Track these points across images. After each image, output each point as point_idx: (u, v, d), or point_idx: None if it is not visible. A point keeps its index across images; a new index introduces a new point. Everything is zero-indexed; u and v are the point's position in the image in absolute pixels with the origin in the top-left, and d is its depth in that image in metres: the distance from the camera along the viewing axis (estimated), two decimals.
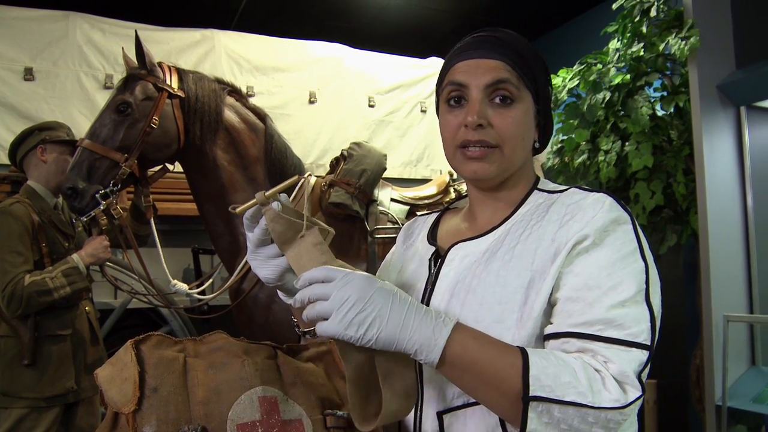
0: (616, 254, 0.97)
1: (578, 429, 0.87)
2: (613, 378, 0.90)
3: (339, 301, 0.88)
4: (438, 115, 1.18)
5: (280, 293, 1.11)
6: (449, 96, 1.11)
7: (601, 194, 1.04)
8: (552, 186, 1.15)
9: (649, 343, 0.94)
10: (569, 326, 0.95)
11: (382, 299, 0.89)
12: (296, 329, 1.16)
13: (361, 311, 0.87)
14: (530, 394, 0.87)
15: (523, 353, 0.90)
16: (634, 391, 0.90)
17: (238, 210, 1.01)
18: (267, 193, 0.99)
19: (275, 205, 0.99)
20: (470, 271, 1.07)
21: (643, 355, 0.93)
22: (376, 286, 0.90)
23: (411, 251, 1.25)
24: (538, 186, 1.16)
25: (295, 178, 1.02)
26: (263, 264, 1.03)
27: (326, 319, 0.89)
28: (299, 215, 1.00)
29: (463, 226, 1.20)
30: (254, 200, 1.00)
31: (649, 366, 0.94)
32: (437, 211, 1.33)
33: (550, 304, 0.99)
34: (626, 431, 1.01)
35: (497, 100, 1.08)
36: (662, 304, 1.00)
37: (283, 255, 1.02)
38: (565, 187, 1.12)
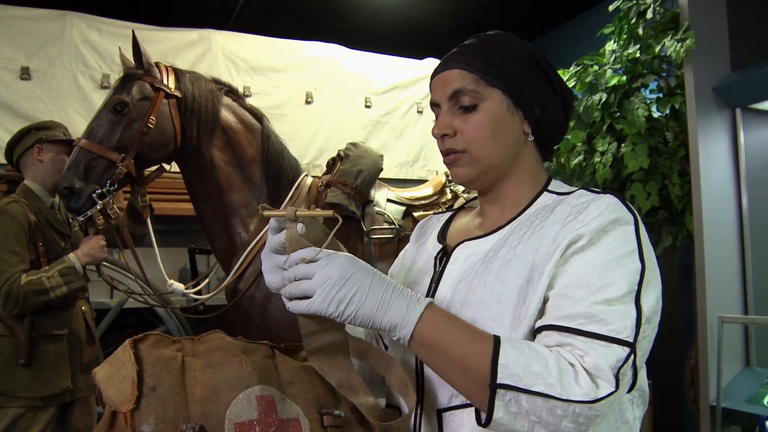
0: (612, 254, 0.97)
1: (547, 422, 0.87)
2: (586, 372, 0.89)
3: (322, 280, 0.92)
4: None
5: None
6: (434, 113, 1.18)
7: (608, 195, 1.04)
8: (563, 188, 1.15)
9: (631, 341, 0.92)
10: (552, 320, 0.96)
11: (361, 278, 0.94)
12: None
13: (342, 289, 0.92)
14: (497, 381, 0.88)
15: (495, 340, 0.92)
16: (607, 387, 0.88)
17: (265, 213, 1.01)
18: (298, 212, 0.99)
19: (299, 227, 1.00)
20: (473, 269, 1.08)
21: (623, 352, 0.91)
22: (357, 266, 0.95)
23: (422, 249, 1.27)
24: (549, 187, 1.16)
25: (331, 212, 1.03)
26: (272, 270, 1.03)
27: (309, 297, 0.93)
28: (321, 240, 1.01)
29: (473, 225, 1.21)
30: (284, 212, 1.00)
31: (630, 363, 0.91)
32: (452, 210, 1.34)
33: (544, 303, 0.99)
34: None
35: (458, 108, 1.12)
36: (662, 308, 1.00)
37: None
38: (575, 189, 1.12)
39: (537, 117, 1.14)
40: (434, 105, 1.17)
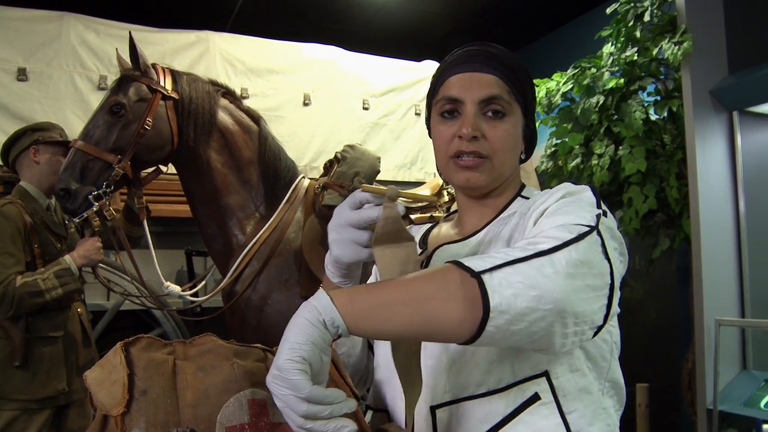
0: (569, 203, 0.99)
1: (547, 287, 0.83)
2: (543, 237, 0.89)
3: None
4: (428, 124, 1.23)
5: (328, 268, 1.11)
6: (443, 109, 1.16)
7: (564, 183, 1.08)
8: (534, 192, 1.20)
9: (593, 225, 0.93)
10: None
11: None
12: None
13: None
14: (476, 270, 0.84)
15: (447, 262, 0.89)
16: (569, 235, 0.89)
17: (365, 187, 1.01)
18: (401, 192, 1.00)
19: (400, 207, 1.00)
20: None
21: (583, 227, 0.91)
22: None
23: None
24: (522, 193, 1.21)
25: (430, 197, 1.04)
26: (344, 243, 1.03)
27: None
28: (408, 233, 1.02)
29: (452, 233, 1.24)
30: (385, 189, 1.00)
31: (595, 236, 0.92)
32: (432, 223, 1.36)
33: None
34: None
35: (490, 113, 1.13)
36: (653, 305, 1.01)
37: (369, 247, 1.03)
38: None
39: (530, 138, 1.21)
40: (453, 101, 1.14)
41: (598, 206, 1.00)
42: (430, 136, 1.22)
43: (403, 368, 1.00)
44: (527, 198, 1.18)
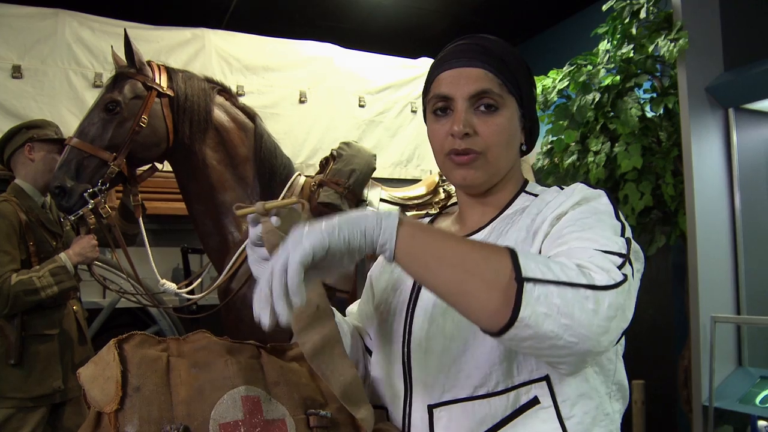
0: (589, 213, 0.99)
1: (580, 322, 0.82)
2: (595, 266, 0.87)
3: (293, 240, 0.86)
4: (426, 122, 1.21)
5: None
6: (435, 107, 1.14)
7: (577, 183, 1.08)
8: (537, 188, 1.18)
9: (624, 252, 0.91)
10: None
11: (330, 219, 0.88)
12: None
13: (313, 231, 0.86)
14: (523, 275, 0.82)
15: (505, 247, 0.87)
16: (618, 276, 0.86)
17: (238, 212, 1.02)
18: (267, 205, 1.00)
19: (274, 219, 1.00)
20: None
21: (618, 258, 0.90)
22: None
23: None
24: (526, 189, 1.19)
25: (295, 200, 1.03)
26: (257, 262, 1.04)
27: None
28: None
29: (454, 229, 1.23)
30: (254, 208, 1.01)
31: (630, 269, 0.91)
32: (431, 215, 1.35)
33: None
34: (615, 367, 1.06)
35: (482, 108, 1.11)
36: (649, 302, 1.01)
37: None
38: (548, 188, 1.16)
39: (530, 129, 1.19)
40: (444, 98, 1.13)
41: (617, 216, 0.99)
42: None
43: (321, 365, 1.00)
44: (533, 194, 1.16)
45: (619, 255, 0.90)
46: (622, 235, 0.96)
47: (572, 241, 0.93)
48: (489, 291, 0.83)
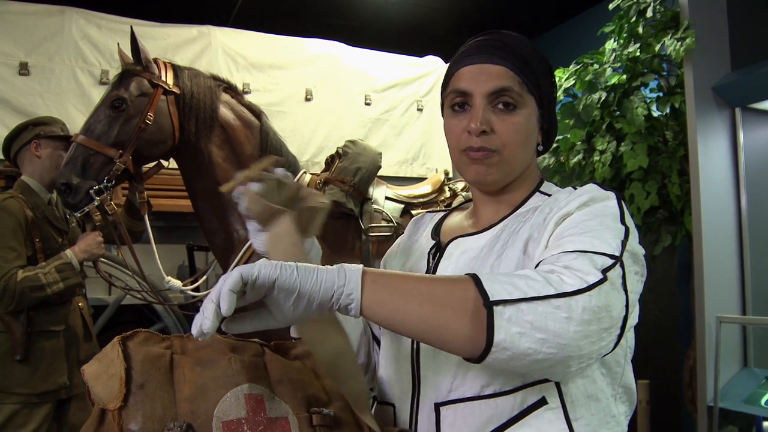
0: (593, 215, 0.99)
1: (554, 332, 0.82)
2: (568, 271, 0.87)
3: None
4: (443, 117, 1.19)
5: None
6: (453, 102, 1.13)
7: (589, 184, 1.07)
8: (553, 189, 1.18)
9: (617, 254, 0.91)
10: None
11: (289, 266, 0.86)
12: None
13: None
14: (491, 299, 0.83)
15: (467, 275, 0.88)
16: (594, 277, 0.86)
17: (223, 189, 1.02)
18: (244, 174, 1.00)
19: (254, 186, 0.99)
20: (468, 266, 1.09)
21: (608, 260, 0.90)
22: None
23: (416, 245, 1.28)
24: (541, 189, 1.18)
25: (273, 157, 1.03)
26: (254, 235, 1.03)
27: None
28: (284, 196, 1.02)
29: (466, 224, 1.22)
30: (234, 181, 1.01)
31: (619, 272, 0.90)
32: (445, 210, 1.34)
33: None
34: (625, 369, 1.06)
35: (500, 106, 1.10)
36: (655, 302, 1.01)
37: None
38: (563, 189, 1.15)
39: (548, 130, 1.18)
40: (462, 93, 1.12)
41: (622, 219, 0.99)
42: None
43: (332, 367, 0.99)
44: (547, 194, 1.15)
45: (610, 256, 0.91)
46: (625, 239, 0.95)
47: (566, 244, 0.94)
48: (459, 320, 0.84)
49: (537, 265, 0.95)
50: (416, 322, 0.86)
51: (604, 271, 0.88)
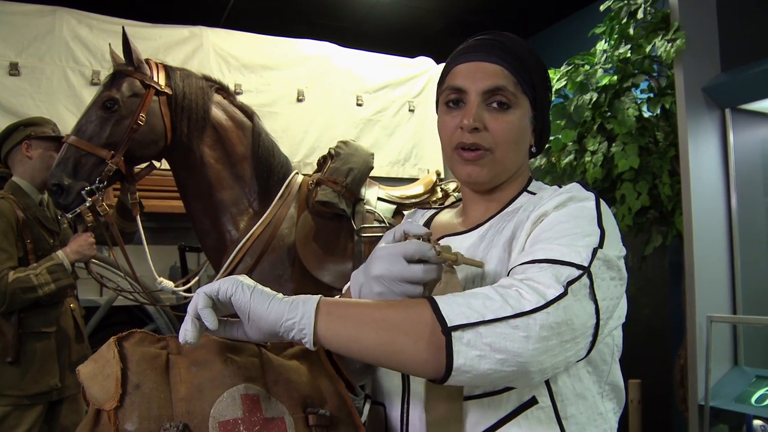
0: (570, 216, 0.99)
1: (514, 352, 0.83)
2: (528, 287, 0.87)
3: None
4: (437, 113, 1.20)
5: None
6: (448, 99, 1.14)
7: (573, 183, 1.08)
8: (541, 188, 1.19)
9: (585, 264, 0.91)
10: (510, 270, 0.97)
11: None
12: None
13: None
14: (449, 325, 0.83)
15: (424, 299, 0.89)
16: (554, 292, 0.86)
17: (442, 255, 0.96)
18: (459, 258, 0.98)
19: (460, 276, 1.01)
20: None
21: (575, 271, 0.90)
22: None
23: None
24: (528, 188, 1.19)
25: (481, 263, 1.03)
26: (394, 296, 0.96)
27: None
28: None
29: (456, 222, 1.23)
30: (455, 256, 0.98)
31: (586, 284, 0.90)
32: (436, 208, 1.35)
33: None
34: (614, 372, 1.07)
35: (494, 104, 1.11)
36: (646, 302, 1.01)
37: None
38: (549, 187, 1.16)
39: (541, 132, 1.19)
40: (457, 90, 1.13)
41: (599, 221, 0.98)
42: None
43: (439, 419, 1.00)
44: (533, 193, 1.16)
45: (577, 267, 0.91)
46: (600, 245, 0.95)
47: (537, 252, 0.94)
48: (415, 345, 0.85)
49: (509, 273, 0.96)
50: (373, 348, 0.87)
51: (568, 284, 0.88)
